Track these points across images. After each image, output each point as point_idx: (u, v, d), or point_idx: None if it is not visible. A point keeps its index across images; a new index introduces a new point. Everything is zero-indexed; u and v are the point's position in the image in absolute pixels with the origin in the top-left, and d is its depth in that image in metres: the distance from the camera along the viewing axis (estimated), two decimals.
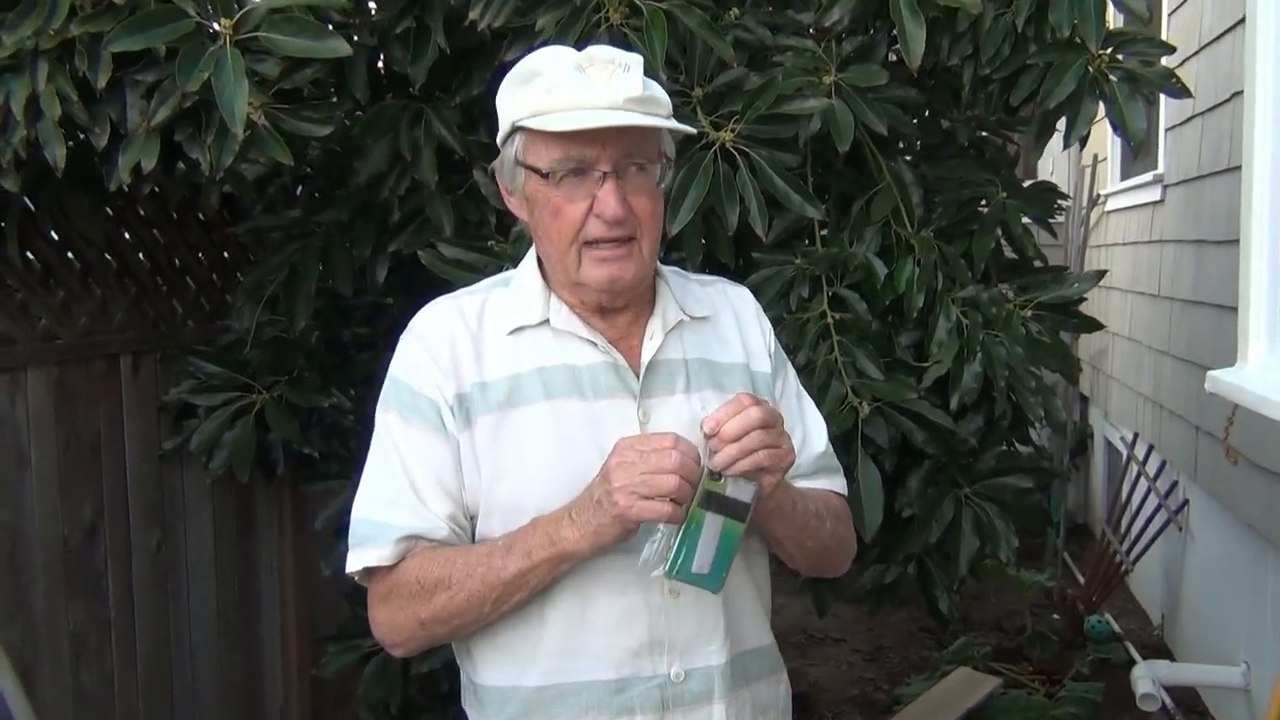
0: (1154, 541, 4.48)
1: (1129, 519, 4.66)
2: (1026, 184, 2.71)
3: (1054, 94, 2.25)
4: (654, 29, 2.08)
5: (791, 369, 1.56)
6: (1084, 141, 2.37)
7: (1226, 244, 3.44)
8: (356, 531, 1.37)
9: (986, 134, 2.87)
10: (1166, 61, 2.34)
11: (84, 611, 2.60)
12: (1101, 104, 2.28)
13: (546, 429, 1.35)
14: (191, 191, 2.81)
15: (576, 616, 1.34)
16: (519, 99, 1.32)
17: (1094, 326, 2.56)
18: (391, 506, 1.35)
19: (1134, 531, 4.58)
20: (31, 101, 2.05)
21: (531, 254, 1.44)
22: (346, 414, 2.82)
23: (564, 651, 1.35)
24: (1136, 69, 2.29)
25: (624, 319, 1.41)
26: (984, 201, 2.51)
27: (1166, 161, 4.58)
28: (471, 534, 1.38)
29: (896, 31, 2.19)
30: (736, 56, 2.24)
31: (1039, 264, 2.61)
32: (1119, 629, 4.64)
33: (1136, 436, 4.85)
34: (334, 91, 2.54)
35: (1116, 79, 2.27)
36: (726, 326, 1.48)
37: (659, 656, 1.35)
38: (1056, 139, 2.45)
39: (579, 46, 1.37)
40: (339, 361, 2.92)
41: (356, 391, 2.80)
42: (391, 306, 2.87)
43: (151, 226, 2.87)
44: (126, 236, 2.81)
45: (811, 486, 1.47)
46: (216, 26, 1.99)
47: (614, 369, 1.38)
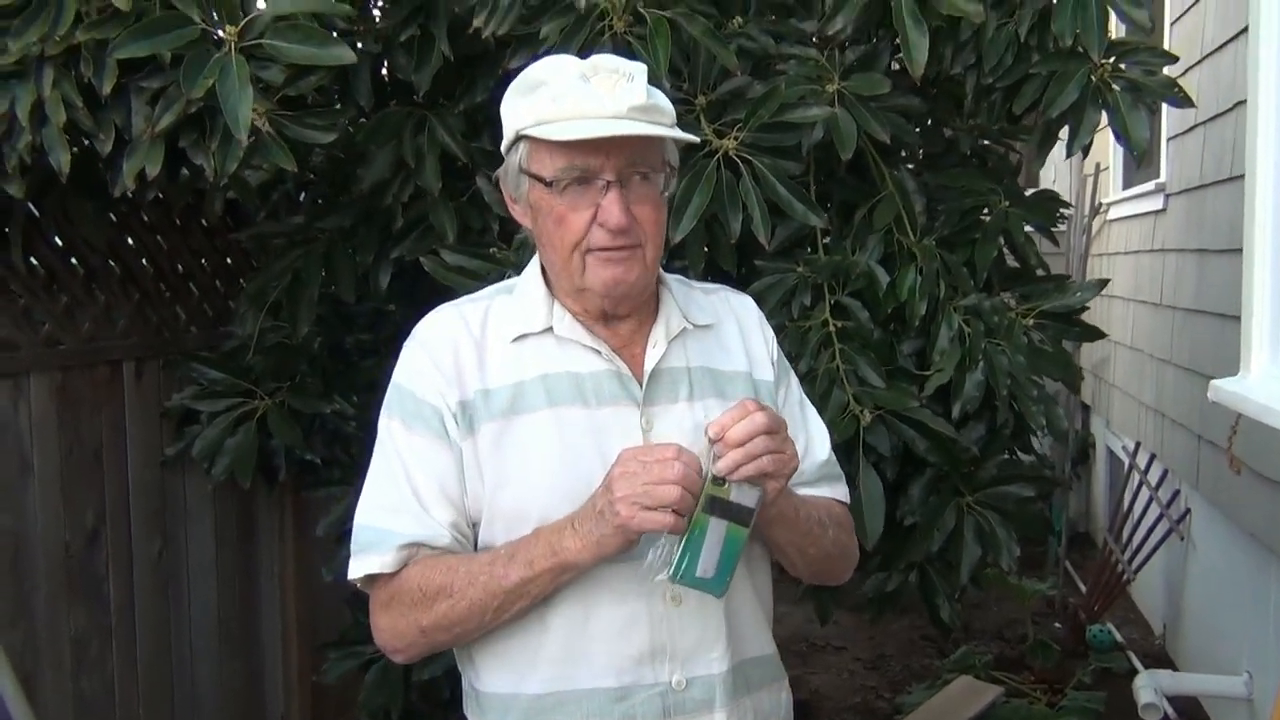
0: (1156, 551, 4.47)
1: (1131, 528, 4.66)
2: (1029, 193, 2.71)
3: (1057, 103, 2.26)
4: (658, 37, 2.08)
5: (794, 377, 1.56)
6: (1086, 150, 2.37)
7: (1229, 253, 3.44)
8: (359, 538, 1.37)
9: (989, 143, 2.88)
10: (1169, 71, 2.34)
11: (85, 617, 2.60)
12: (1104, 113, 2.29)
13: (549, 436, 1.35)
14: (195, 198, 2.82)
15: (578, 624, 1.34)
16: (523, 108, 1.33)
17: (1096, 335, 2.57)
18: (394, 513, 1.35)
19: (1136, 540, 4.57)
20: (37, 107, 2.06)
21: (535, 261, 1.44)
22: (349, 420, 2.83)
23: (566, 659, 1.34)
24: (1139, 78, 2.29)
25: (627, 327, 1.41)
26: (986, 210, 2.52)
27: (1169, 170, 4.58)
28: (474, 541, 1.38)
29: (899, 40, 2.19)
30: (740, 65, 2.24)
31: (1041, 273, 2.61)
32: (1121, 638, 4.63)
33: (1139, 445, 4.85)
34: (338, 98, 2.54)
35: (1119, 88, 2.28)
36: (729, 335, 1.48)
37: (661, 664, 1.35)
38: (1058, 148, 2.45)
39: (583, 55, 1.37)
40: (341, 368, 2.92)
41: (359, 398, 2.80)
42: (394, 313, 2.88)
43: (155, 232, 2.88)
44: (130, 242, 2.81)
45: (814, 494, 1.47)
46: (222, 33, 1.99)
47: (617, 377, 1.38)
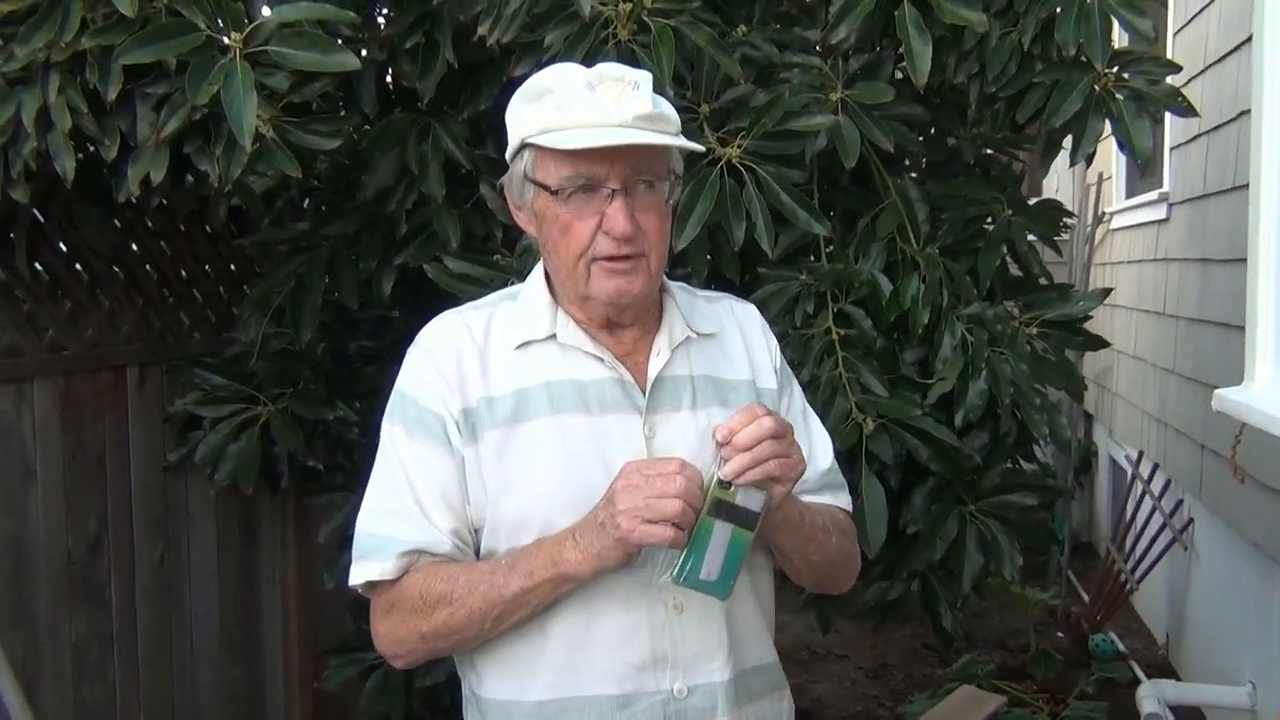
0: (1159, 560, 4.46)
1: (1134, 537, 4.65)
2: (1032, 202, 2.71)
3: (1060, 112, 2.26)
4: (662, 45, 2.09)
5: (797, 385, 1.56)
6: (1089, 160, 2.37)
7: (1232, 263, 3.44)
8: (360, 544, 1.37)
9: (992, 152, 2.88)
10: (1172, 80, 2.34)
11: (87, 623, 2.60)
12: (1107, 122, 2.29)
13: (552, 444, 1.35)
14: (199, 204, 2.82)
15: (580, 631, 1.34)
16: (529, 116, 1.33)
17: (1099, 344, 2.56)
18: (395, 520, 1.35)
19: (1139, 550, 4.56)
20: (42, 113, 2.06)
21: (539, 269, 1.44)
22: (351, 426, 2.83)
23: (567, 665, 1.34)
24: (1142, 87, 2.29)
25: (631, 335, 1.41)
26: (989, 219, 2.52)
27: (1172, 180, 4.58)
28: (476, 549, 1.38)
29: (903, 49, 2.19)
30: (744, 73, 2.24)
31: (1044, 281, 2.61)
32: (1123, 648, 4.62)
33: (1141, 455, 4.84)
34: (343, 105, 2.55)
35: (1122, 97, 2.28)
36: (733, 343, 1.48)
37: (662, 672, 1.35)
38: (1062, 157, 2.45)
39: (587, 63, 1.38)
40: (344, 374, 2.92)
41: (362, 404, 2.80)
42: (397, 320, 2.88)
43: (159, 238, 2.88)
44: (134, 248, 2.82)
45: (817, 502, 1.47)
46: (227, 40, 2.00)
47: (620, 384, 1.38)
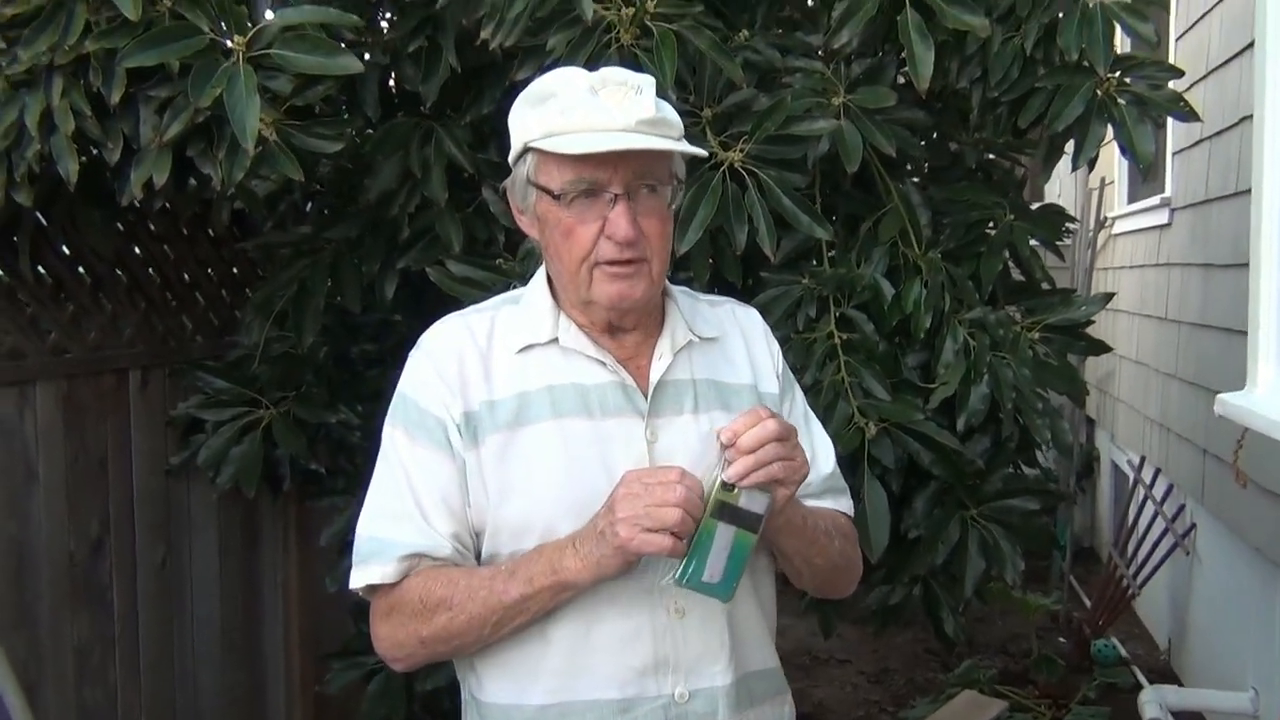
0: (1161, 565, 4.46)
1: (1136, 543, 4.64)
2: (1034, 207, 2.71)
3: (1062, 117, 2.26)
4: (664, 50, 2.09)
5: (799, 390, 1.56)
6: (1091, 164, 2.37)
7: (1234, 268, 3.44)
8: (360, 548, 1.37)
9: (994, 156, 2.88)
10: (1174, 85, 2.34)
11: (89, 627, 2.60)
12: (1110, 127, 2.29)
13: (554, 448, 1.35)
14: (202, 207, 2.82)
15: (581, 635, 1.34)
16: (532, 119, 1.33)
17: (1101, 349, 2.56)
18: (396, 523, 1.35)
19: (1141, 555, 4.56)
20: (46, 116, 2.06)
21: (541, 272, 1.45)
22: (354, 430, 2.83)
23: (568, 670, 1.34)
24: (1145, 92, 2.29)
25: (633, 339, 1.41)
26: (991, 224, 2.52)
27: (1174, 185, 4.58)
28: (477, 553, 1.38)
29: (905, 54, 2.20)
30: (746, 77, 2.24)
31: (1046, 286, 2.61)
32: (1126, 653, 4.61)
33: (1144, 460, 4.84)
34: (345, 109, 2.55)
35: (1125, 102, 2.28)
36: (735, 347, 1.48)
37: (664, 676, 1.35)
38: (1064, 162, 2.45)
39: (590, 67, 1.38)
40: (347, 378, 2.92)
41: (364, 407, 2.80)
42: (400, 323, 2.88)
43: (162, 242, 2.88)
44: (137, 251, 2.82)
45: (819, 506, 1.47)
46: (230, 43, 2.00)
47: (622, 388, 1.38)
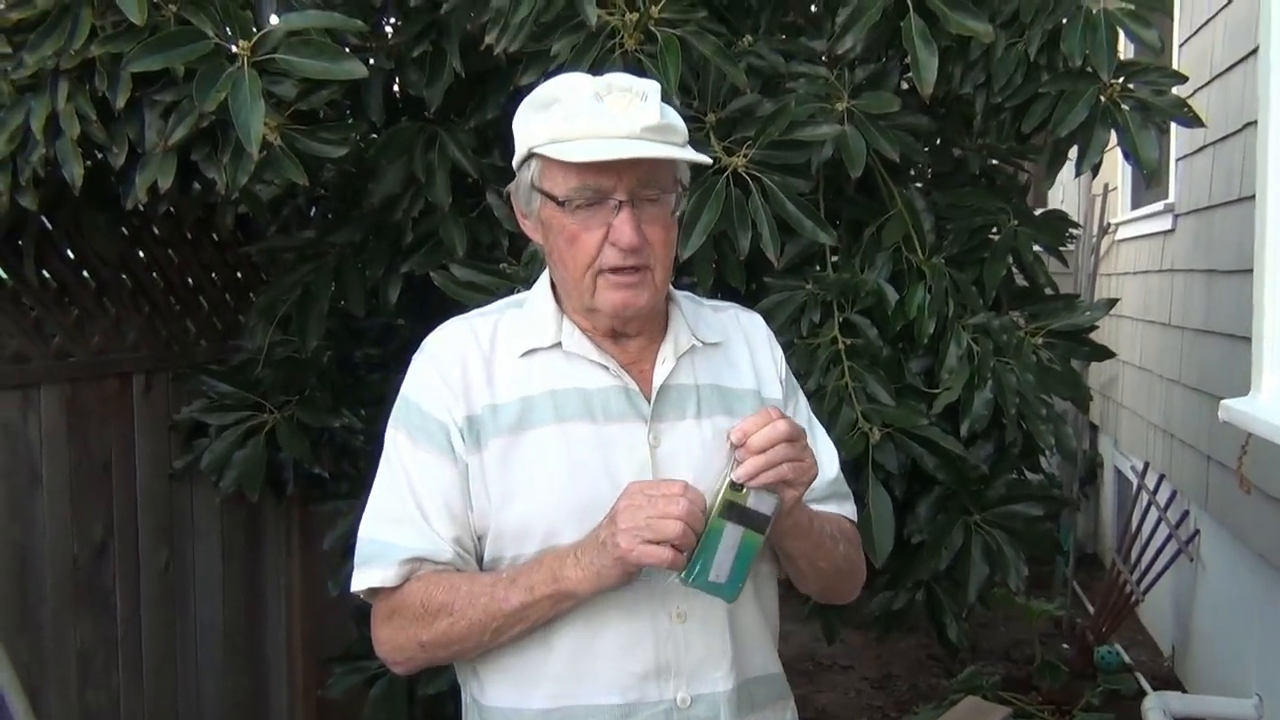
0: (1165, 572, 4.45)
1: (1139, 549, 4.63)
2: (1037, 212, 2.71)
3: (1066, 122, 2.26)
4: (668, 55, 2.09)
5: (802, 395, 1.56)
6: (1095, 170, 2.37)
7: (1238, 274, 3.43)
8: (362, 550, 1.37)
9: (998, 162, 2.88)
10: (1178, 91, 2.34)
11: (92, 630, 2.60)
12: (1113, 132, 2.29)
13: (557, 452, 1.35)
14: (206, 211, 2.83)
15: (583, 639, 1.34)
16: (536, 125, 1.33)
17: (1105, 355, 2.56)
18: (397, 526, 1.35)
19: (1144, 561, 4.55)
20: (51, 120, 2.07)
21: (545, 276, 1.45)
22: (357, 434, 2.83)
23: (570, 674, 1.34)
24: (1148, 98, 2.29)
25: (636, 344, 1.41)
26: (995, 229, 2.52)
27: (1177, 191, 4.58)
28: (478, 556, 1.38)
29: (909, 59, 2.20)
30: (750, 83, 2.24)
31: (1050, 292, 2.61)
32: (1129, 660, 4.60)
33: (1147, 466, 4.83)
34: (350, 113, 2.56)
35: (1128, 108, 2.28)
36: (738, 353, 1.48)
37: (665, 681, 1.35)
38: (1067, 168, 2.45)
39: (594, 72, 1.38)
40: (350, 382, 2.92)
41: (367, 412, 2.80)
42: (403, 327, 2.88)
43: (166, 246, 2.89)
44: (141, 256, 2.82)
45: (823, 511, 1.47)
46: (235, 48, 2.01)
47: (625, 393, 1.38)
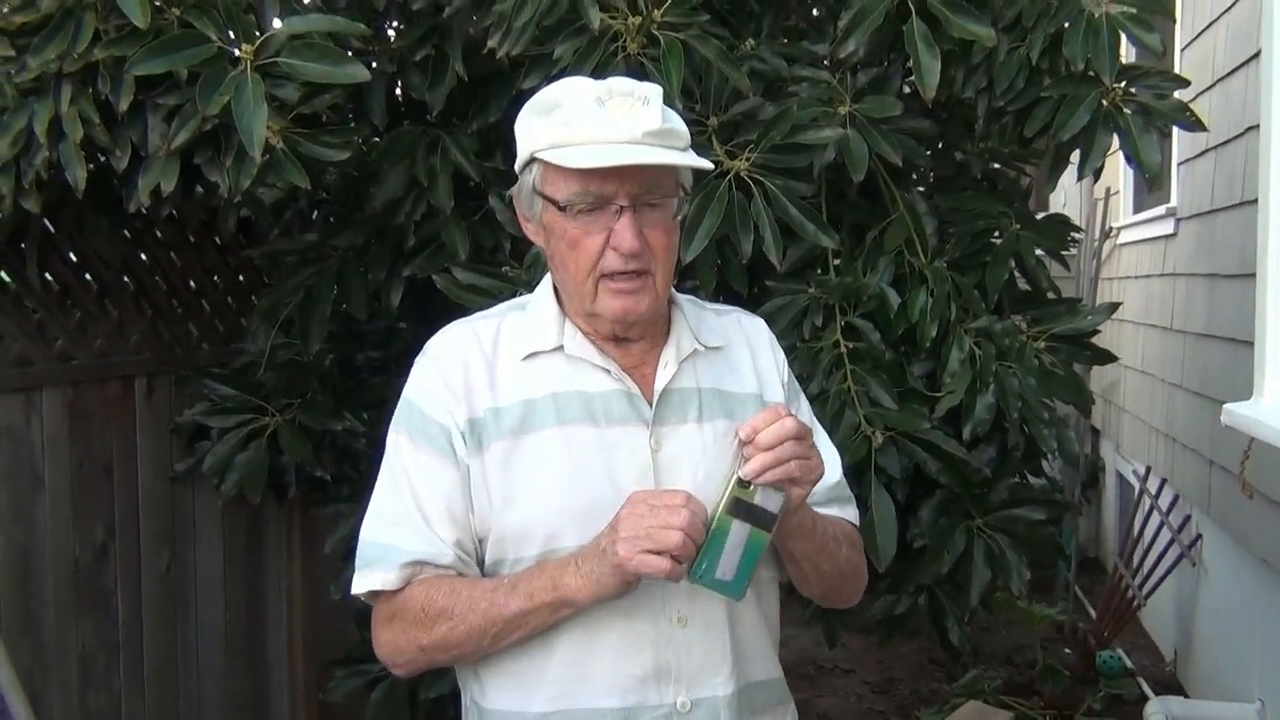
0: (1167, 576, 4.44)
1: (1141, 553, 4.63)
2: (1039, 216, 2.71)
3: (1068, 126, 2.26)
4: (671, 59, 2.09)
5: (804, 399, 1.56)
6: (1097, 174, 2.37)
7: (1240, 278, 3.43)
8: (363, 553, 1.37)
9: (1000, 166, 2.88)
10: (1180, 95, 2.34)
11: (93, 633, 2.60)
12: (1115, 136, 2.29)
13: (558, 455, 1.35)
14: (209, 215, 2.84)
15: (583, 642, 1.34)
16: (538, 129, 1.33)
17: (1107, 359, 2.56)
18: (398, 528, 1.35)
19: (1146, 566, 4.54)
20: (54, 123, 2.08)
21: (547, 280, 1.45)
22: (359, 437, 2.83)
23: (571, 677, 1.34)
24: (1150, 102, 2.30)
25: (638, 347, 1.41)
26: (997, 233, 2.52)
27: (1179, 195, 4.58)
28: (480, 559, 1.38)
29: (911, 63, 2.20)
30: (752, 86, 2.25)
31: (1052, 296, 2.61)
32: (1131, 664, 4.59)
33: (1149, 470, 4.82)
34: (352, 117, 2.56)
35: (1130, 112, 2.28)
36: (740, 356, 1.48)
37: (665, 685, 1.34)
38: (1069, 171, 2.45)
39: (597, 76, 1.38)
40: (352, 385, 2.92)
41: (369, 415, 2.80)
42: (405, 331, 2.89)
43: (169, 249, 2.89)
44: (144, 259, 2.83)
45: (826, 514, 1.47)
46: (238, 51, 2.01)
47: (627, 397, 1.38)
